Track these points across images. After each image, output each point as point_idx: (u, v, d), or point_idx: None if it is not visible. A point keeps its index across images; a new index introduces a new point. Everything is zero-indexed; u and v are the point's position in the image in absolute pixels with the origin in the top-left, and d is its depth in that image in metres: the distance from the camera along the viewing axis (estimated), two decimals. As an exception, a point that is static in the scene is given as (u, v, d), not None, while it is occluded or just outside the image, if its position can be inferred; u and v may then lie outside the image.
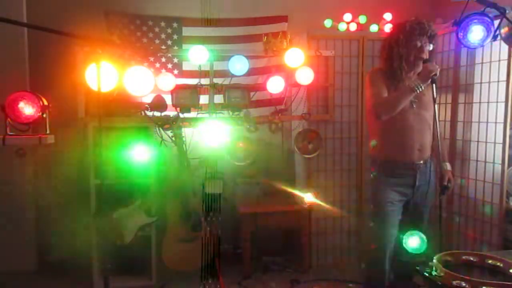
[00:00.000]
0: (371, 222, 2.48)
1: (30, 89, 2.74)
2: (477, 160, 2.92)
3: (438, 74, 2.18)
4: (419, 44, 2.26)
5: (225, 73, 3.22)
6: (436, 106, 2.17)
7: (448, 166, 2.43)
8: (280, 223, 3.45)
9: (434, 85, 2.16)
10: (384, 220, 2.36)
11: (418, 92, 2.18)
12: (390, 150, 2.38)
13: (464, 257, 1.84)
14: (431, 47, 2.28)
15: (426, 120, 2.34)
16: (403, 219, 2.41)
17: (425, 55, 2.27)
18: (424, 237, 1.91)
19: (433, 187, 2.41)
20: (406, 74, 2.32)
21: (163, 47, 3.51)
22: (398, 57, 2.30)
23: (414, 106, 2.31)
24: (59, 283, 3.25)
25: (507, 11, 2.11)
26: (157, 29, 3.64)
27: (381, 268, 2.40)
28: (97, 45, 1.96)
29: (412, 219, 2.39)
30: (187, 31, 3.69)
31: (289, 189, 3.52)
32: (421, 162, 2.34)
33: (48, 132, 1.91)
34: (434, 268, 1.71)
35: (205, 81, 3.22)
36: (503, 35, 2.32)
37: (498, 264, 1.76)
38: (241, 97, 3.14)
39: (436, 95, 2.19)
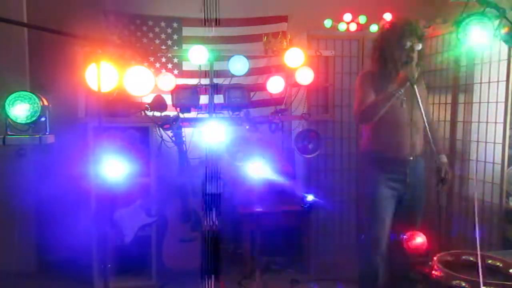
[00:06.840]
0: (365, 217, 2.50)
1: (30, 89, 2.74)
2: (477, 160, 2.92)
3: (416, 76, 2.17)
4: (409, 44, 2.27)
5: (225, 73, 3.22)
6: (421, 105, 2.16)
7: (444, 158, 2.42)
8: (280, 223, 3.45)
9: (416, 87, 2.16)
10: (377, 215, 2.38)
11: (397, 96, 2.21)
12: (380, 146, 2.42)
13: (464, 257, 1.85)
14: (419, 46, 2.27)
15: (416, 118, 2.35)
16: (398, 217, 2.41)
17: (415, 55, 2.26)
18: (424, 236, 1.91)
19: (422, 183, 2.42)
20: (398, 76, 2.32)
21: (163, 47, 3.51)
22: (389, 60, 2.32)
23: (404, 105, 2.33)
24: (59, 283, 3.26)
25: (507, 12, 2.11)
26: (157, 29, 3.64)
27: (375, 265, 2.40)
28: (97, 45, 1.96)
29: (406, 217, 2.40)
30: (187, 31, 3.70)
31: (289, 189, 3.51)
32: (411, 158, 2.35)
33: (48, 132, 1.91)
34: (434, 268, 1.71)
35: (205, 81, 3.22)
36: (503, 35, 2.31)
37: (498, 264, 1.77)
38: (241, 97, 3.14)
39: (419, 96, 2.18)
